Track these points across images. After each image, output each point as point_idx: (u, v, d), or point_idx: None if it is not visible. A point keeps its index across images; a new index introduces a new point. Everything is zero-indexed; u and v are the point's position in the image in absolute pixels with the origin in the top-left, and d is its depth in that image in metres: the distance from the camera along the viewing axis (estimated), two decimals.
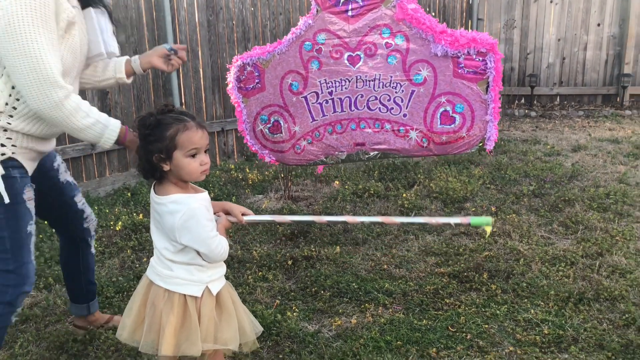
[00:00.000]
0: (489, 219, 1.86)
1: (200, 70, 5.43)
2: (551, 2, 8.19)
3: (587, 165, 5.16)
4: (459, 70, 2.52)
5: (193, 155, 1.75)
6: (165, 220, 1.76)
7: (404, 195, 4.29)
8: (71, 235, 2.41)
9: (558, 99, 8.46)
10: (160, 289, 1.80)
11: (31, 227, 2.00)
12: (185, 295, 1.78)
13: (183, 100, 5.30)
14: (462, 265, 3.11)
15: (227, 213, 1.92)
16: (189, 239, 1.73)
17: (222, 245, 1.78)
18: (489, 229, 1.89)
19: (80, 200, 2.38)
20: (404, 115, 2.64)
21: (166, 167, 1.75)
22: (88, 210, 2.42)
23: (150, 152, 1.73)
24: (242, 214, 1.93)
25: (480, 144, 2.65)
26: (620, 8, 8.01)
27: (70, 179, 2.36)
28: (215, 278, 1.84)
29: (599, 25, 8.14)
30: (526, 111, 8.09)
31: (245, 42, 5.74)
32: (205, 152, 1.79)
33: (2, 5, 1.73)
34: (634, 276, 2.91)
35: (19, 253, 1.96)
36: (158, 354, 1.77)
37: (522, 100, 8.51)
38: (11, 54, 1.76)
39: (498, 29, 8.37)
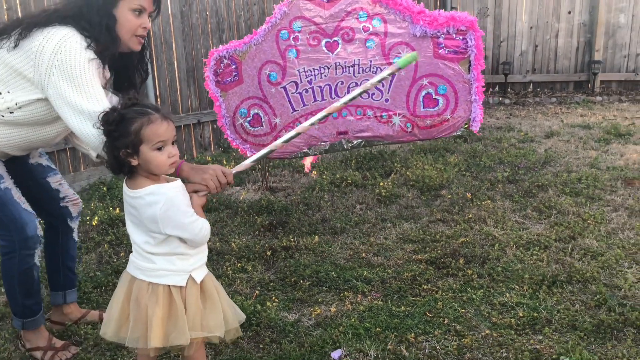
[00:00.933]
0: (414, 54, 2.01)
1: (175, 62, 5.37)
2: None
3: (559, 151, 5.26)
4: (440, 51, 2.47)
5: (160, 149, 1.74)
6: (143, 213, 1.75)
7: (381, 184, 4.32)
8: (49, 216, 2.48)
9: (531, 86, 8.58)
10: (143, 283, 1.79)
11: (4, 184, 2.16)
12: (169, 286, 1.79)
13: (158, 93, 5.24)
14: (439, 251, 3.15)
15: (196, 191, 1.92)
16: (172, 227, 1.74)
17: (204, 228, 1.80)
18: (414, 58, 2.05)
19: (56, 182, 2.44)
20: (386, 101, 2.60)
21: (134, 162, 1.74)
22: (67, 192, 2.48)
23: (116, 148, 1.73)
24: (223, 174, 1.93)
25: (466, 126, 2.62)
26: None
27: (45, 162, 2.44)
28: (198, 266, 1.85)
29: (569, 12, 8.26)
30: (500, 99, 8.19)
31: (219, 32, 5.69)
32: (172, 143, 1.79)
33: (53, 66, 1.94)
34: (604, 258, 2.99)
35: (4, 208, 2.15)
36: (147, 346, 1.77)
37: (496, 88, 8.61)
38: (60, 102, 1.97)
39: None
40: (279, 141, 2.10)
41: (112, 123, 1.73)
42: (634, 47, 8.20)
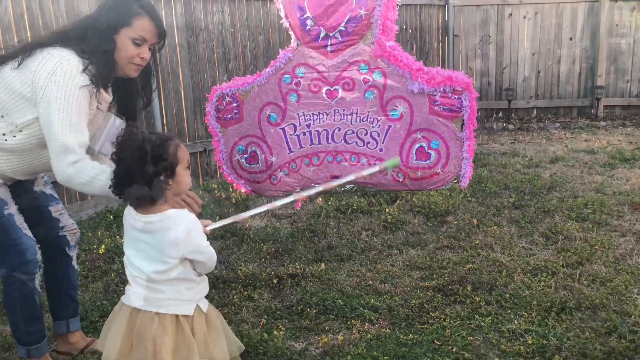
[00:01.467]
0: (397, 160, 2.50)
1: (182, 91, 5.45)
2: (524, 17, 8.39)
3: (565, 176, 5.26)
4: (435, 108, 2.55)
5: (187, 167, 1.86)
6: (164, 236, 1.77)
7: (387, 210, 4.33)
8: (47, 243, 2.49)
9: (535, 112, 8.62)
10: (148, 314, 1.79)
11: (8, 211, 2.21)
12: (177, 315, 1.80)
13: (164, 122, 5.30)
14: (446, 278, 3.14)
15: None
16: (192, 249, 1.78)
17: (214, 251, 1.87)
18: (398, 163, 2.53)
19: (57, 211, 2.48)
20: (380, 150, 2.67)
21: (170, 185, 1.79)
22: (67, 222, 2.52)
23: (156, 173, 1.75)
24: (205, 225, 1.94)
25: (455, 181, 2.67)
26: (591, 22, 8.23)
27: (48, 191, 2.49)
28: (203, 295, 1.88)
29: (571, 39, 8.34)
30: (504, 124, 8.23)
31: (225, 62, 5.78)
32: None
33: (48, 85, 2.01)
34: (613, 284, 2.96)
35: (7, 233, 2.20)
36: None
37: (500, 114, 8.65)
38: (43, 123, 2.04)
39: (474, 45, 8.53)
40: (278, 203, 2.19)
41: (152, 149, 1.74)
42: (636, 72, 8.26)
